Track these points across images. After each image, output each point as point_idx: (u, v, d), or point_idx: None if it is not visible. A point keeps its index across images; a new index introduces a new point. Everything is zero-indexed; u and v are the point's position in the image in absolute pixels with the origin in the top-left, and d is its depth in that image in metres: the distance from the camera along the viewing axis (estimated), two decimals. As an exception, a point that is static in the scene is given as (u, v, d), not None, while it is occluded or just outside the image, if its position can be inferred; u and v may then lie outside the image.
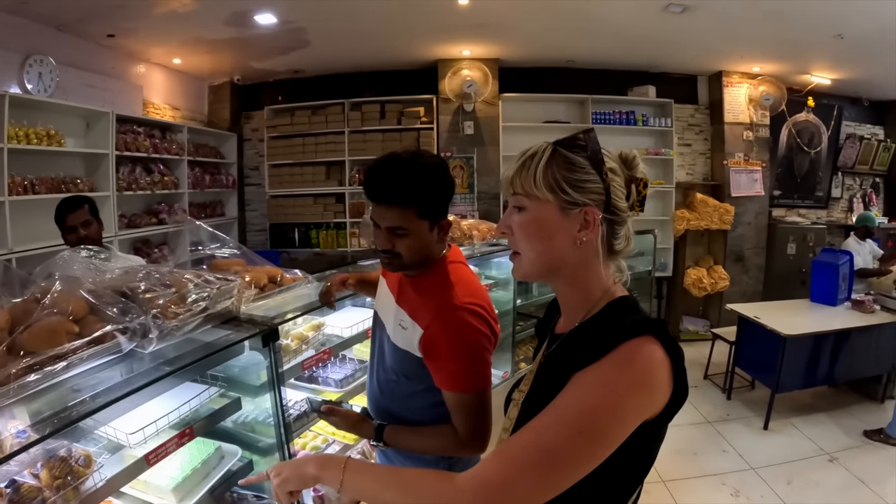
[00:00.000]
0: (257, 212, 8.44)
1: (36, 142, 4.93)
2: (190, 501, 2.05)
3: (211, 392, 2.20)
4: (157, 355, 1.84)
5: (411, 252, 1.79)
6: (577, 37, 6.30)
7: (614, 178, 1.19)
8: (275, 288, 2.53)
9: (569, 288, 1.27)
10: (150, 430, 1.90)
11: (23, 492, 1.54)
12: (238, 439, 2.41)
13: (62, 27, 5.63)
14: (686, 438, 4.86)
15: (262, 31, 6.08)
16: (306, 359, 2.57)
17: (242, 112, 8.41)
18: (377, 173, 1.76)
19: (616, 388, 1.03)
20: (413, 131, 7.45)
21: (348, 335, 2.88)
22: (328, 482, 1.20)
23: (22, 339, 1.58)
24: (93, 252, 2.19)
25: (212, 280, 2.13)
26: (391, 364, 1.92)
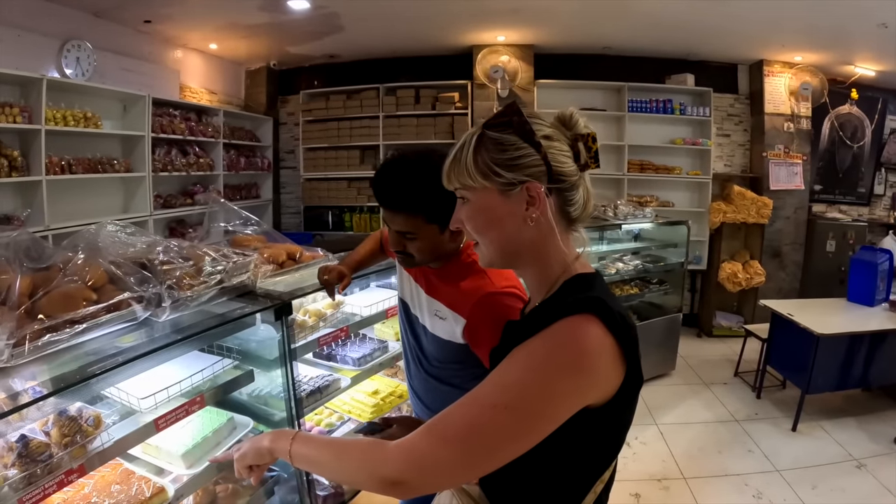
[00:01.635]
0: (292, 194, 8.55)
1: (73, 124, 5.09)
2: (199, 468, 2.11)
3: (224, 363, 2.26)
4: (171, 324, 1.91)
5: (423, 253, 1.81)
6: (613, 23, 6.21)
7: (552, 145, 1.15)
8: (294, 265, 2.58)
9: (531, 269, 1.24)
10: (162, 396, 1.97)
11: (31, 447, 1.61)
12: (251, 412, 2.48)
13: (99, 13, 5.77)
14: (711, 436, 4.80)
15: (296, 16, 6.13)
16: (322, 335, 2.61)
17: (279, 96, 8.51)
18: (383, 179, 1.76)
19: (542, 364, 1.01)
20: (447, 116, 7.45)
21: (367, 314, 2.91)
22: (279, 454, 1.22)
23: (41, 304, 1.66)
24: (119, 226, 2.26)
25: (229, 254, 2.18)
26: (435, 353, 1.94)
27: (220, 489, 2.38)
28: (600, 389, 1.03)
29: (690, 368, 6.27)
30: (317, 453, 1.17)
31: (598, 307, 1.03)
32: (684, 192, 7.70)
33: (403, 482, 1.02)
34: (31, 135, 4.80)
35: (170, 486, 2.05)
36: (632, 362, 1.05)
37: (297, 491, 2.59)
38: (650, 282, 6.30)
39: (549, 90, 7.46)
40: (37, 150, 4.80)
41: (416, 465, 1.02)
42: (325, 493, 2.77)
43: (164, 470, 2.12)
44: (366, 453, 1.09)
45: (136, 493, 1.96)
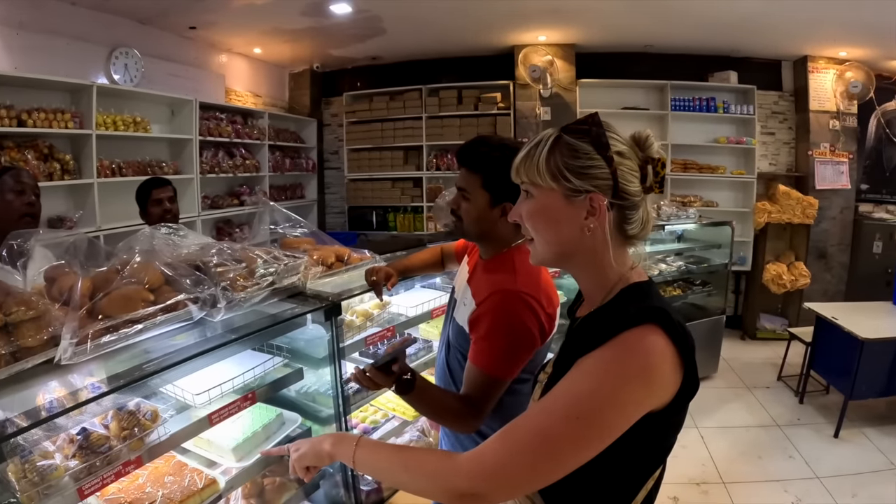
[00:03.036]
0: (336, 194, 8.67)
1: (123, 128, 5.28)
2: (248, 461, 2.18)
3: (275, 361, 2.33)
4: (225, 324, 1.99)
5: (469, 219, 1.92)
6: (654, 21, 6.14)
7: (623, 162, 1.17)
8: (342, 266, 2.64)
9: (584, 273, 1.27)
10: (215, 392, 2.04)
11: (92, 439, 1.69)
12: (300, 408, 2.55)
13: (145, 21, 5.95)
14: (752, 440, 4.76)
15: (339, 19, 6.22)
16: (370, 335, 2.67)
17: (322, 98, 8.63)
18: (468, 142, 1.93)
19: (613, 376, 1.03)
20: (490, 117, 7.46)
21: (413, 314, 2.95)
22: (341, 458, 1.26)
23: (101, 305, 1.74)
24: (172, 229, 2.36)
25: (280, 257, 2.25)
26: (453, 340, 2.00)
27: (268, 482, 2.44)
28: (662, 396, 1.07)
29: (733, 371, 6.22)
30: (384, 462, 1.21)
31: (661, 317, 1.07)
32: (728, 191, 7.61)
33: (476, 494, 1.06)
34: (83, 139, 4.98)
35: (220, 478, 2.11)
36: (689, 369, 1.09)
37: (341, 486, 2.64)
38: (693, 283, 6.25)
39: (591, 89, 7.44)
40: (88, 154, 4.98)
41: (488, 477, 1.05)
42: (367, 489, 2.81)
43: (214, 462, 2.19)
44: (436, 465, 1.13)
45: (189, 484, 2.03)
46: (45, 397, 1.64)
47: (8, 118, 4.38)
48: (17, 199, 2.77)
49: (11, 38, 4.88)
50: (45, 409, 1.53)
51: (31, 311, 1.61)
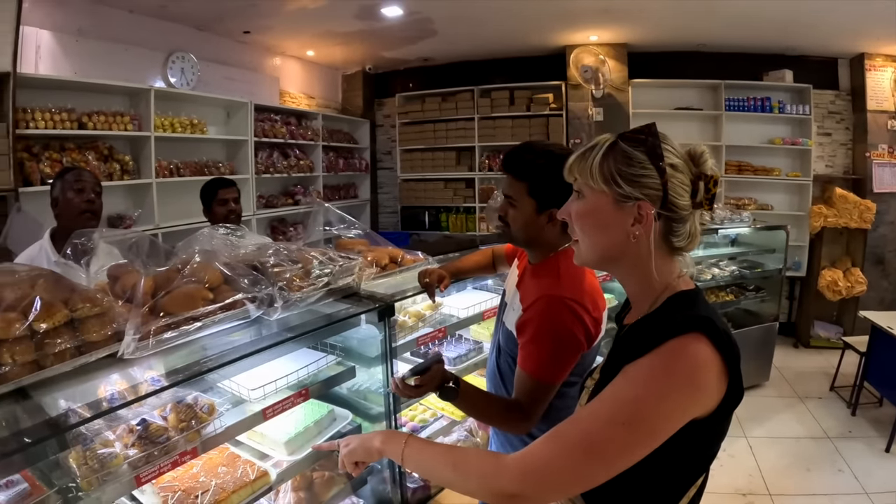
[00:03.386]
0: (389, 194, 8.75)
1: (180, 130, 5.45)
2: (299, 455, 2.23)
3: (328, 359, 2.39)
4: (281, 322, 2.04)
5: (516, 225, 1.94)
6: (707, 19, 6.02)
7: (675, 175, 1.17)
8: (395, 268, 2.67)
9: (629, 279, 1.28)
10: (270, 387, 2.10)
11: (151, 430, 1.76)
12: (350, 405, 2.59)
13: (201, 27, 6.13)
14: (800, 452, 4.63)
15: (390, 22, 6.29)
16: (421, 335, 2.69)
17: (375, 99, 8.71)
18: (513, 149, 1.96)
19: (659, 382, 1.05)
20: (542, 118, 7.44)
21: (464, 316, 2.97)
22: (390, 455, 1.30)
23: (163, 303, 1.80)
24: (230, 229, 2.43)
25: (335, 258, 2.30)
26: (503, 344, 2.03)
27: (317, 475, 2.48)
28: (706, 404, 1.08)
29: (785, 380, 6.07)
30: (432, 461, 1.24)
31: (707, 326, 1.08)
32: (783, 194, 7.42)
33: (521, 495, 1.08)
34: (141, 141, 5.14)
35: (272, 470, 2.16)
36: (734, 378, 1.09)
37: (388, 482, 2.68)
38: (746, 288, 6.12)
39: (643, 89, 7.35)
40: (147, 155, 5.14)
41: (534, 479, 1.07)
42: (414, 486, 2.83)
43: (266, 455, 2.24)
44: (483, 465, 1.15)
45: (242, 476, 2.08)
46: (107, 389, 1.70)
47: (69, 121, 4.54)
48: (77, 196, 2.88)
49: (71, 45, 5.05)
50: (107, 401, 1.59)
51: (96, 308, 1.66)
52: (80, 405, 1.55)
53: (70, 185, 2.89)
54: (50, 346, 1.54)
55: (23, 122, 4.24)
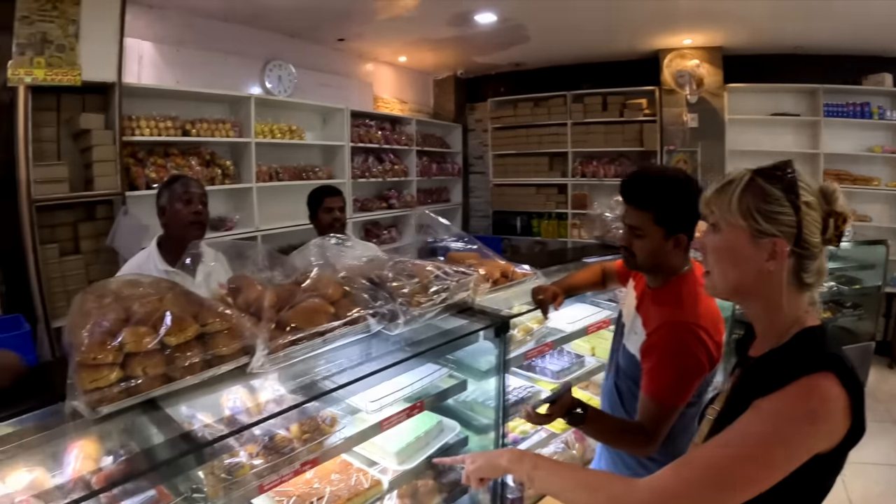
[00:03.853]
0: (481, 199, 8.72)
1: (279, 136, 5.58)
2: (409, 465, 2.23)
3: (441, 372, 2.39)
4: (400, 337, 2.04)
5: (644, 254, 1.92)
6: (805, 20, 5.70)
7: (809, 213, 1.18)
8: (506, 282, 2.63)
9: (758, 313, 1.30)
10: (388, 400, 2.11)
11: (276, 440, 1.78)
12: (458, 416, 2.58)
13: (296, 35, 6.26)
14: (893, 480, 4.33)
15: (483, 28, 6.26)
16: (529, 349, 2.67)
17: (466, 104, 8.71)
18: (629, 177, 1.95)
19: (787, 419, 1.07)
20: (636, 124, 7.30)
21: (570, 330, 2.92)
22: (517, 475, 1.34)
23: (288, 317, 1.80)
24: (340, 240, 2.44)
25: (451, 272, 2.28)
26: (623, 366, 2.03)
27: (422, 484, 2.48)
28: (830, 440, 1.09)
29: (878, 402, 5.62)
30: (560, 483, 1.26)
31: (837, 365, 1.10)
32: (882, 205, 6.93)
33: None
34: (242, 146, 5.29)
35: (383, 478, 2.17)
36: (857, 414, 1.09)
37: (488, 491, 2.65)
38: (843, 305, 5.76)
39: (739, 94, 7.04)
40: (247, 160, 5.29)
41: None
42: (512, 497, 2.81)
43: (374, 462, 2.25)
44: (614, 488, 1.18)
45: (355, 484, 2.10)
46: (229, 399, 1.74)
47: (174, 128, 4.73)
48: (185, 207, 2.84)
49: (172, 55, 5.24)
50: (229, 411, 1.63)
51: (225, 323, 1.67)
52: (210, 418, 1.60)
53: (178, 195, 2.85)
54: (180, 359, 1.55)
55: (128, 130, 4.43)
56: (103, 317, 1.55)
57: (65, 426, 1.45)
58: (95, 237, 4.35)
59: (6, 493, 1.47)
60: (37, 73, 3.81)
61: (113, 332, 1.50)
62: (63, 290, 4.12)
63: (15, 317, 3.84)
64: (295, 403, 1.66)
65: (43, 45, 3.84)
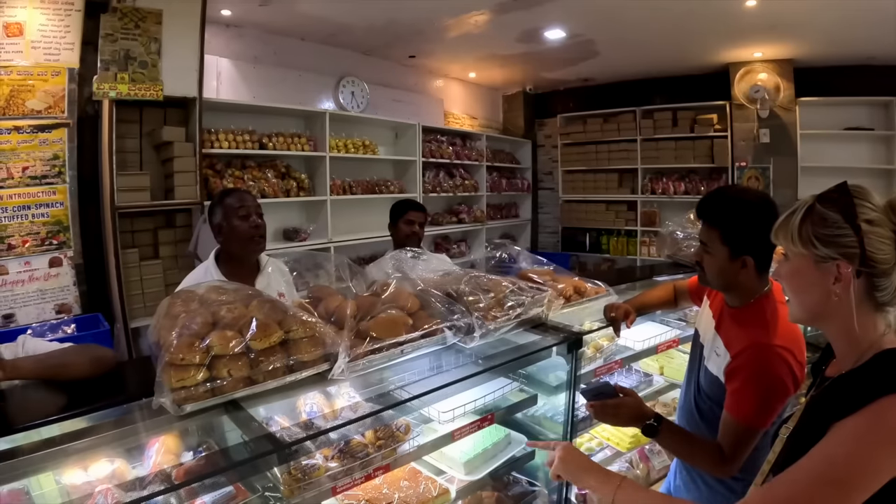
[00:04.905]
0: (549, 214, 8.69)
1: (353, 150, 5.72)
2: (476, 476, 2.26)
3: (512, 386, 2.39)
4: (473, 350, 2.07)
5: (711, 271, 1.93)
6: (877, 30, 5.51)
7: (873, 230, 1.16)
8: (579, 298, 2.64)
9: (835, 335, 1.28)
10: (460, 411, 2.12)
11: (352, 445, 1.84)
12: (525, 430, 2.59)
13: (368, 52, 6.41)
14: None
15: (552, 45, 6.30)
16: (599, 367, 2.66)
17: (535, 119, 8.71)
18: (707, 196, 1.97)
19: (868, 443, 1.05)
20: (706, 139, 7.20)
21: (639, 349, 2.90)
22: (600, 495, 1.34)
23: (368, 326, 1.86)
24: (416, 253, 2.51)
25: (525, 288, 2.31)
26: (704, 386, 2.01)
27: (486, 495, 2.50)
28: None
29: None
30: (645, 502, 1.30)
31: None
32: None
33: None
34: (316, 160, 5.43)
35: (451, 488, 2.20)
36: None
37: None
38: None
39: (811, 108, 6.84)
40: (321, 173, 5.42)
41: None
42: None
43: (441, 471, 2.28)
44: None
45: (424, 491, 2.14)
46: (305, 403, 1.81)
47: (251, 141, 4.89)
48: (243, 223, 2.67)
49: (249, 71, 5.43)
50: (306, 415, 1.70)
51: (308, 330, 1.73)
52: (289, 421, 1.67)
53: (234, 210, 2.67)
54: (264, 363, 1.61)
55: (208, 142, 4.61)
56: (192, 320, 1.63)
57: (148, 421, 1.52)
58: (174, 244, 4.56)
59: (87, 481, 1.56)
60: (121, 88, 4.02)
61: (201, 334, 1.58)
62: (140, 293, 4.32)
63: (94, 315, 4.04)
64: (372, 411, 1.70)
65: (126, 62, 4.05)
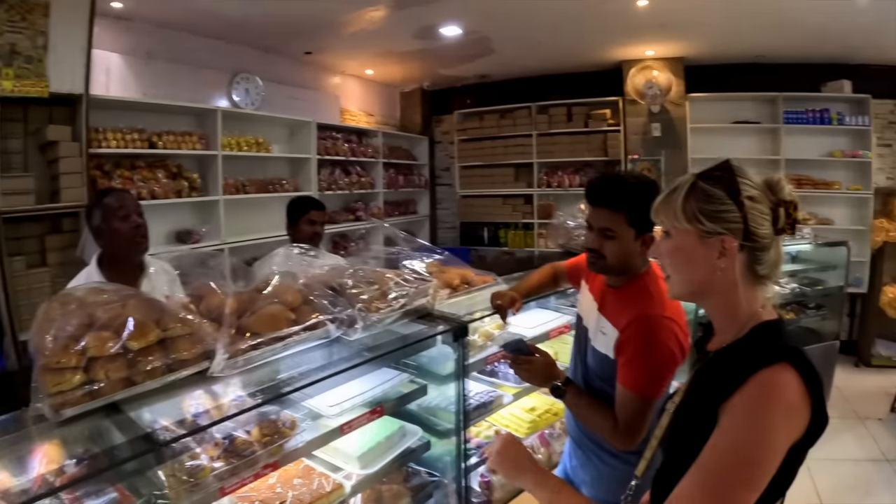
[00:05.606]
0: (448, 210, 8.79)
1: (246, 149, 5.62)
2: (371, 469, 2.27)
3: (402, 377, 2.42)
4: (359, 342, 2.08)
5: (615, 256, 1.97)
6: (765, 30, 5.87)
7: (754, 206, 1.22)
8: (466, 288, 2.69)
9: (716, 310, 1.33)
10: (347, 404, 2.14)
11: (237, 444, 1.81)
12: (420, 421, 2.61)
13: (264, 48, 6.32)
14: (860, 475, 4.49)
15: (449, 41, 6.37)
16: (490, 355, 2.70)
17: (433, 116, 8.80)
18: (598, 180, 2.01)
19: (760, 420, 1.07)
20: (600, 134, 7.43)
21: (531, 335, 2.95)
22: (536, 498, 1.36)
23: (249, 323, 1.86)
24: (303, 250, 2.47)
25: (410, 279, 2.34)
26: (593, 367, 2.08)
27: (385, 489, 2.50)
28: (799, 430, 1.11)
29: (845, 400, 5.85)
30: None
31: (794, 356, 1.12)
32: (844, 208, 7.17)
33: None
34: (209, 159, 5.32)
35: (346, 483, 2.20)
36: (818, 406, 1.12)
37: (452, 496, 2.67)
38: (807, 306, 5.93)
39: (701, 104, 7.23)
40: (214, 172, 5.32)
41: None
42: (478, 501, 2.84)
43: (338, 468, 2.28)
44: None
45: (318, 488, 2.13)
46: (191, 403, 1.76)
47: (140, 140, 4.74)
48: (123, 223, 2.60)
49: (140, 67, 5.27)
50: (191, 415, 1.64)
51: (187, 328, 1.71)
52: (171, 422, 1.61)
53: (113, 211, 2.59)
54: (142, 363, 1.59)
55: (95, 142, 4.44)
56: (67, 322, 1.59)
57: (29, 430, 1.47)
58: (62, 249, 4.33)
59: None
60: (5, 84, 3.82)
61: (76, 336, 1.55)
62: (29, 303, 4.07)
63: (-20, 329, 3.83)
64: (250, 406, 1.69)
65: (11, 57, 3.85)
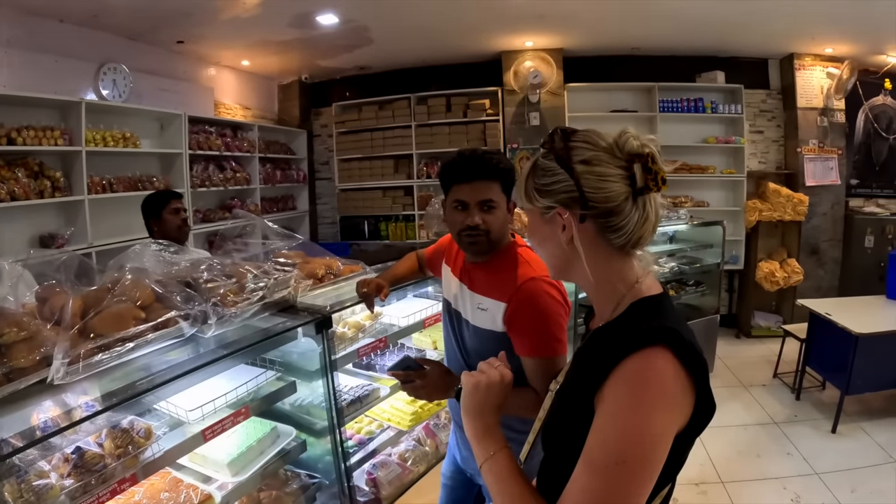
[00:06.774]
0: (328, 205, 8.67)
1: (113, 144, 5.31)
2: (244, 476, 2.20)
3: (268, 375, 2.36)
4: (216, 339, 2.01)
5: (497, 227, 1.95)
6: (641, 23, 6.16)
7: (591, 170, 1.12)
8: (332, 278, 2.66)
9: (584, 287, 1.25)
10: (208, 407, 2.06)
11: (87, 458, 1.72)
12: (294, 421, 2.56)
13: (133, 36, 5.99)
14: (750, 439, 4.76)
15: (326, 30, 6.26)
16: (362, 346, 2.68)
17: (311, 109, 8.64)
18: (465, 157, 1.96)
19: (638, 413, 1.01)
20: (479, 123, 7.50)
21: (405, 324, 2.96)
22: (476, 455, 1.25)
23: (93, 324, 1.76)
24: (163, 245, 2.38)
25: (270, 271, 2.28)
26: (474, 346, 2.05)
27: (264, 496, 2.45)
28: (683, 417, 1.06)
29: (729, 370, 6.24)
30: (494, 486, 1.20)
31: (670, 338, 1.04)
32: (719, 191, 7.64)
33: None
34: (73, 156, 5.01)
35: (216, 493, 2.14)
36: (702, 390, 1.06)
37: (337, 497, 2.65)
38: (687, 283, 6.29)
39: (579, 93, 7.47)
40: (78, 170, 5.01)
41: None
42: (365, 500, 2.83)
43: (210, 478, 2.21)
44: None
45: (185, 500, 2.06)
46: (40, 417, 1.66)
47: None
48: None
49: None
50: (40, 429, 1.55)
51: (22, 332, 1.63)
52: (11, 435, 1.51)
53: None
54: (-25, 373, 1.49)
55: None
56: None
57: None
58: None
59: None
60: None
61: None
62: None
63: None
64: (93, 412, 1.60)
65: None
